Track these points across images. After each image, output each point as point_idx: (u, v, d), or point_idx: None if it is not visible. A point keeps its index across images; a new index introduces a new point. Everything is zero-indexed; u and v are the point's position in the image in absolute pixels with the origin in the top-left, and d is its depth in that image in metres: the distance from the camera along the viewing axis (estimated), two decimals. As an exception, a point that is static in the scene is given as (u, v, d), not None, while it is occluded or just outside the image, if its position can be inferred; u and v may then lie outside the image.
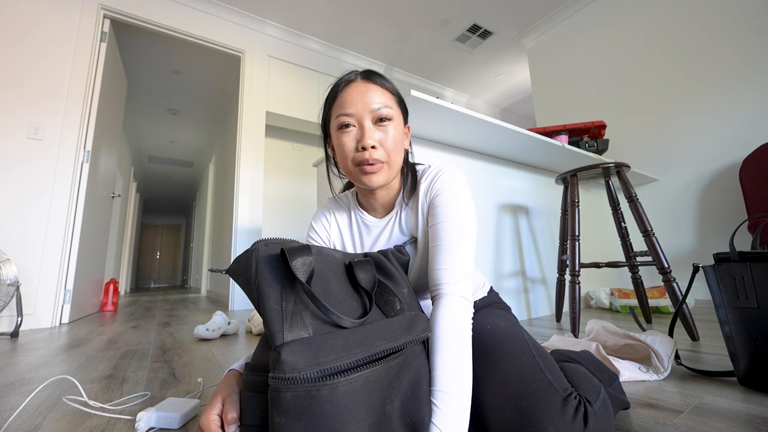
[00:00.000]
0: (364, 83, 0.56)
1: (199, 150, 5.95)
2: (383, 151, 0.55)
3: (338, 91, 0.57)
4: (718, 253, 0.76)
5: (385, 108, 0.55)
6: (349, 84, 0.57)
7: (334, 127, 0.57)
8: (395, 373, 0.38)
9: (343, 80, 0.58)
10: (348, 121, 0.55)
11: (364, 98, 0.55)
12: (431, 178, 0.58)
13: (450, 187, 0.56)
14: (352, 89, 0.56)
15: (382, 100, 0.55)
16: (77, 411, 0.72)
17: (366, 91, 0.55)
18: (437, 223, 0.54)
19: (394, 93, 0.59)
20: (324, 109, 0.61)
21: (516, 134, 1.45)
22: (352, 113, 0.55)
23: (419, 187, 0.59)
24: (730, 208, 2.12)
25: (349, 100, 0.55)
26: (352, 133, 0.55)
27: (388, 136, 0.55)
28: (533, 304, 1.77)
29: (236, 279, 0.39)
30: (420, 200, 0.59)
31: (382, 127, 0.55)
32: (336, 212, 0.68)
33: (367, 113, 0.54)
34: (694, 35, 2.39)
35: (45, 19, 2.23)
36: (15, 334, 1.67)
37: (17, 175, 2.02)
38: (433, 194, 0.57)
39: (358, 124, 0.55)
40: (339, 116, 0.56)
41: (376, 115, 0.55)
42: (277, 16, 3.18)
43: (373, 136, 0.54)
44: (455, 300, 0.49)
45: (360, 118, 0.55)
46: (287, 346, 0.32)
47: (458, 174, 0.58)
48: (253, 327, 1.56)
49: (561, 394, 0.42)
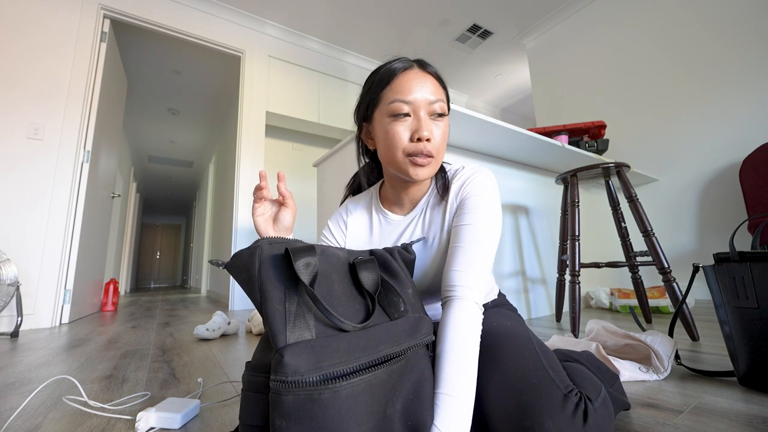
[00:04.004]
0: (423, 73, 0.55)
1: (199, 150, 5.95)
2: (434, 146, 0.54)
3: (394, 75, 0.55)
4: (718, 253, 0.76)
5: (440, 103, 0.54)
6: (406, 70, 0.55)
7: (385, 113, 0.55)
8: (398, 376, 0.38)
9: (399, 66, 0.55)
10: (406, 109, 0.53)
11: (423, 89, 0.53)
12: (464, 179, 0.58)
13: (482, 192, 0.56)
14: (410, 76, 0.54)
15: (437, 94, 0.54)
16: (77, 411, 0.72)
17: (425, 82, 0.54)
18: (463, 224, 0.54)
19: (445, 87, 0.58)
20: (371, 90, 0.58)
21: (516, 134, 1.45)
22: (411, 101, 0.53)
23: (450, 187, 0.59)
24: (730, 208, 2.12)
25: (408, 87, 0.53)
26: (408, 122, 0.53)
27: (440, 132, 0.54)
28: (533, 304, 1.77)
29: (236, 276, 0.38)
30: (450, 200, 0.58)
31: (437, 123, 0.54)
32: (356, 212, 0.67)
33: (425, 104, 0.53)
34: (694, 35, 2.39)
35: (45, 19, 2.23)
36: (15, 334, 1.67)
37: (17, 175, 2.02)
38: (464, 196, 0.56)
39: (413, 113, 0.53)
40: (395, 102, 0.53)
41: (432, 110, 0.54)
42: (277, 16, 3.18)
43: (429, 128, 0.53)
44: (468, 305, 0.48)
45: (417, 108, 0.53)
46: (290, 349, 0.32)
47: (492, 180, 0.58)
48: (253, 327, 1.56)
49: (562, 390, 0.42)
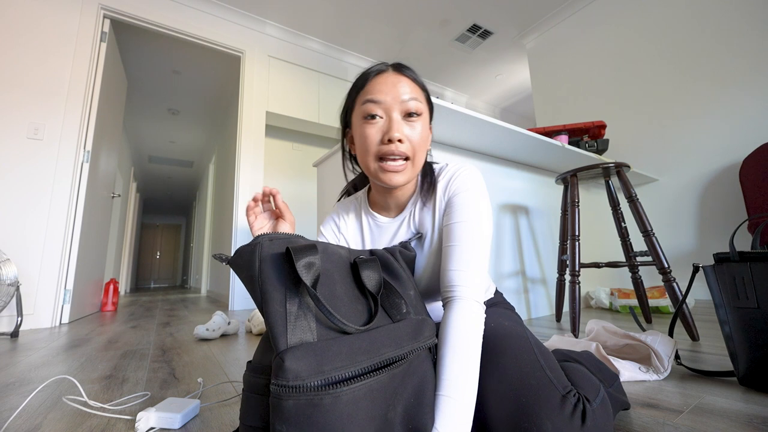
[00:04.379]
0: (396, 74, 0.54)
1: (199, 150, 5.95)
2: (409, 147, 0.52)
3: (368, 79, 0.54)
4: (718, 253, 0.76)
5: (415, 102, 0.53)
6: (380, 73, 0.54)
7: (358, 117, 0.54)
8: (399, 380, 0.37)
9: (374, 70, 0.55)
10: (375, 110, 0.52)
11: (394, 89, 0.52)
12: (449, 176, 0.57)
13: (468, 188, 0.55)
14: (382, 78, 0.54)
15: (413, 94, 0.53)
16: (77, 411, 0.72)
17: (397, 82, 0.53)
18: (454, 222, 0.53)
19: (424, 89, 0.57)
20: (348, 97, 0.58)
21: (516, 134, 1.45)
22: (381, 101, 0.52)
23: (436, 186, 0.58)
24: (730, 208, 2.12)
25: (380, 88, 0.52)
26: (378, 124, 0.52)
27: (415, 132, 0.53)
28: (533, 304, 1.77)
29: (239, 273, 0.38)
30: (437, 199, 0.57)
31: (410, 122, 0.53)
32: (345, 217, 0.66)
33: (396, 105, 0.52)
34: (693, 35, 2.39)
35: (45, 19, 2.23)
36: (15, 334, 1.67)
37: (17, 175, 2.01)
38: (451, 193, 0.55)
39: (385, 115, 0.52)
40: (366, 103, 0.53)
41: (406, 109, 0.52)
42: (277, 16, 3.17)
43: (401, 129, 0.51)
44: (469, 304, 0.47)
45: (388, 109, 0.52)
46: (291, 352, 0.31)
47: (477, 175, 0.57)
48: (253, 327, 1.56)
49: (560, 391, 0.42)
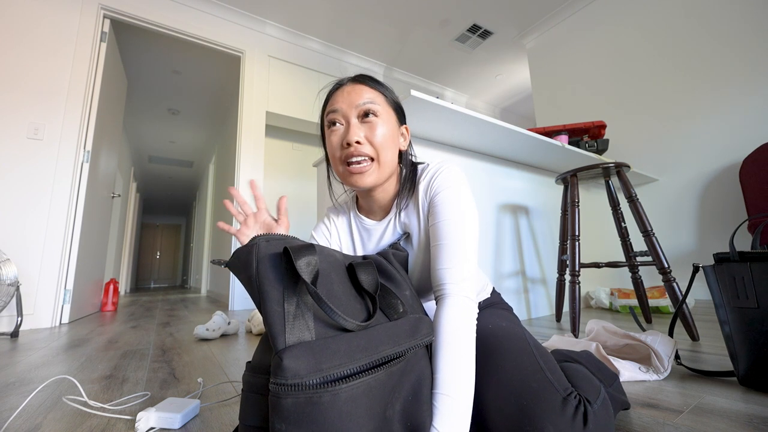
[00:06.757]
0: (353, 84, 0.58)
1: (199, 150, 5.95)
2: (370, 147, 0.54)
3: (331, 94, 0.59)
4: (718, 253, 0.76)
5: (370, 103, 0.55)
6: (339, 86, 0.59)
7: (326, 129, 0.59)
8: (397, 377, 0.38)
9: (336, 85, 0.60)
10: (335, 117, 0.56)
11: (350, 96, 0.56)
12: (430, 176, 0.58)
13: (449, 185, 0.55)
14: (341, 90, 0.58)
15: (368, 97, 0.56)
16: (77, 411, 0.72)
17: (353, 90, 0.56)
18: (438, 221, 0.53)
19: (384, 93, 0.59)
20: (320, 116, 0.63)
21: (516, 134, 1.45)
22: (338, 109, 0.56)
23: (418, 186, 0.58)
24: (730, 208, 2.12)
25: (338, 99, 0.57)
26: (339, 131, 0.56)
27: (374, 132, 0.55)
28: (533, 304, 1.77)
29: (237, 275, 0.38)
30: (420, 199, 0.58)
31: (367, 123, 0.55)
32: (336, 220, 0.68)
33: (352, 110, 0.55)
34: (693, 35, 2.39)
35: (45, 19, 2.23)
36: (15, 334, 1.67)
37: (17, 175, 2.01)
38: (432, 192, 0.56)
39: (345, 122, 0.56)
40: (328, 114, 0.57)
41: (362, 110, 0.55)
42: (277, 16, 3.17)
43: (357, 132, 0.54)
44: (459, 300, 0.48)
45: (346, 115, 0.55)
46: (289, 351, 0.31)
47: (457, 171, 0.58)
48: (253, 327, 1.56)
49: (561, 394, 0.42)
